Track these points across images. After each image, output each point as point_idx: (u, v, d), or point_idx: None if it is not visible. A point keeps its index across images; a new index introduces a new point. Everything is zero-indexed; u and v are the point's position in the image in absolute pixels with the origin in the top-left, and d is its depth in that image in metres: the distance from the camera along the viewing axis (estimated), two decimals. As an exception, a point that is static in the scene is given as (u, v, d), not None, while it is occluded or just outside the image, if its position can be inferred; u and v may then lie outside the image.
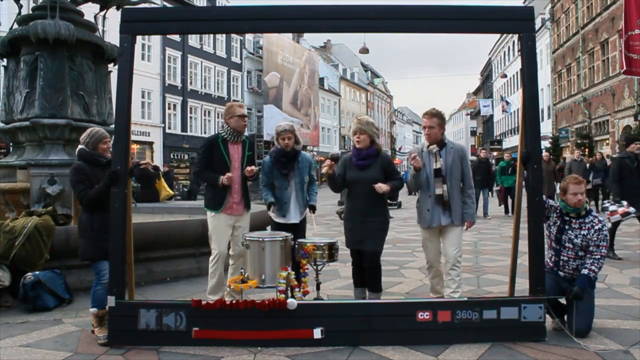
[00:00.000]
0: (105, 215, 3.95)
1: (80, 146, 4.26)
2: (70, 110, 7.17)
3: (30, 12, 8.22)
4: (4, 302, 4.86)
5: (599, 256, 4.04)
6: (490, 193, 14.38)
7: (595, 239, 4.05)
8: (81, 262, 4.48)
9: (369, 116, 5.27)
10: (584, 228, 4.10)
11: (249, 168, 4.61)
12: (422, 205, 4.51)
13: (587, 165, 15.13)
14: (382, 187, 4.39)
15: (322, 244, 4.38)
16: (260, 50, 39.23)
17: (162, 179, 12.36)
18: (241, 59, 38.58)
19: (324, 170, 4.51)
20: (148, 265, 5.95)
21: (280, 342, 3.79)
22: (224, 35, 34.11)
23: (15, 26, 7.58)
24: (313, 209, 5.05)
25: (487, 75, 58.91)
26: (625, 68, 14.10)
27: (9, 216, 6.38)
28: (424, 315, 3.88)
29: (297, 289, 4.12)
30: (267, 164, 4.93)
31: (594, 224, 4.09)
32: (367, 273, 4.59)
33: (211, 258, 4.67)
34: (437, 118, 4.50)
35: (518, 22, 4.13)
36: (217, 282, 4.62)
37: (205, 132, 33.44)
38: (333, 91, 53.16)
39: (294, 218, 4.88)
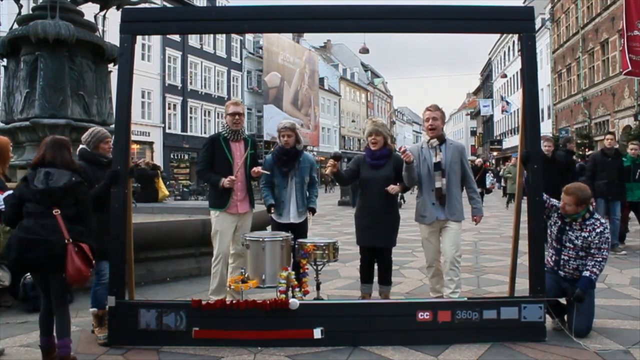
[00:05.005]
0: (105, 215, 3.95)
1: (81, 146, 4.26)
2: (70, 110, 7.17)
3: (30, 12, 8.24)
4: (4, 302, 4.86)
5: (600, 258, 4.04)
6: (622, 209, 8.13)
7: (597, 241, 4.05)
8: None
9: (380, 117, 5.37)
10: (584, 230, 4.09)
11: (255, 169, 4.65)
12: (427, 199, 4.52)
13: None
14: (394, 188, 4.51)
15: (322, 244, 4.38)
16: (260, 50, 39.23)
17: (160, 179, 12.33)
18: (241, 59, 38.58)
19: (327, 171, 4.59)
20: (148, 265, 5.95)
21: (280, 342, 3.79)
22: (224, 35, 34.09)
23: (15, 26, 7.59)
24: (313, 211, 5.06)
25: (487, 75, 58.92)
26: (626, 69, 14.09)
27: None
28: (424, 315, 3.88)
29: (297, 289, 4.12)
30: (269, 162, 4.94)
31: (596, 227, 4.08)
32: (380, 268, 4.74)
33: (213, 259, 4.67)
34: (440, 112, 4.60)
35: (518, 22, 4.13)
36: (219, 283, 4.62)
37: (205, 132, 33.44)
38: (333, 91, 53.16)
39: (292, 218, 4.88)
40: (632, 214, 8.41)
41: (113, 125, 4.49)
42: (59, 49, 7.10)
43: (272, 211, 4.84)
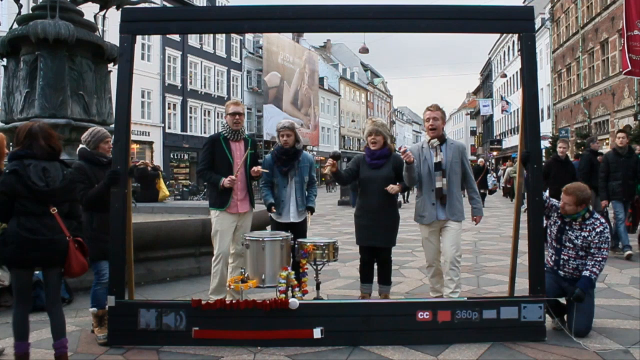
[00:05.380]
0: (105, 215, 3.95)
1: (81, 146, 4.27)
2: (70, 110, 7.17)
3: (30, 12, 8.23)
4: (4, 302, 4.86)
5: (600, 258, 4.04)
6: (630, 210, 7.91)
7: (597, 241, 4.05)
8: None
9: (380, 118, 5.37)
10: (584, 230, 4.09)
11: (255, 168, 4.66)
12: (427, 199, 4.53)
13: None
14: (394, 188, 4.54)
15: (322, 244, 4.39)
16: (260, 50, 39.22)
17: (162, 179, 12.34)
18: (241, 59, 38.57)
19: (327, 170, 4.58)
20: (148, 265, 5.95)
21: (280, 342, 3.79)
22: (224, 35, 34.10)
23: (15, 26, 7.59)
24: (311, 211, 5.07)
25: (487, 75, 58.90)
26: (626, 69, 14.08)
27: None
28: (424, 315, 3.88)
29: (297, 289, 4.13)
30: (268, 161, 4.95)
31: (596, 227, 4.08)
32: (380, 268, 4.76)
33: (214, 259, 4.67)
34: (440, 112, 4.61)
35: (518, 22, 4.13)
36: (220, 283, 4.62)
37: (205, 132, 33.45)
38: (333, 91, 53.15)
39: (292, 217, 4.89)
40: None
41: (113, 125, 4.49)
42: (59, 49, 7.10)
43: (273, 210, 4.84)
